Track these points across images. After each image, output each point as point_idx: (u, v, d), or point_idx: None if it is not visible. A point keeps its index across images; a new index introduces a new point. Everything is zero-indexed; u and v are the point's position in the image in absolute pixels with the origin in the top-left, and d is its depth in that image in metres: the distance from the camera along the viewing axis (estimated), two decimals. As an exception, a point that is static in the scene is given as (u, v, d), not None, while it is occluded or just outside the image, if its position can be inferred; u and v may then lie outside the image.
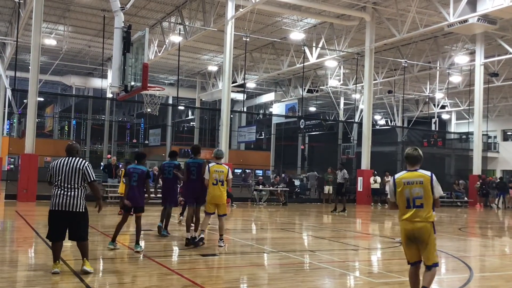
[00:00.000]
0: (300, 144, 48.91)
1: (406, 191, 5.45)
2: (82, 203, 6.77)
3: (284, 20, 26.36)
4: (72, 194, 6.70)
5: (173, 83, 42.27)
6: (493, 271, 8.72)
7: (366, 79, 25.43)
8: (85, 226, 6.89)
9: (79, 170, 6.76)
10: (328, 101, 43.43)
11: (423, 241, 5.38)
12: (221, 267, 8.25)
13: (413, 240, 5.43)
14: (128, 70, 11.64)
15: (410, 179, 5.48)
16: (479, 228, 16.90)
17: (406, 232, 5.47)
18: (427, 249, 5.38)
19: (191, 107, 49.27)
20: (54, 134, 55.75)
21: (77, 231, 6.81)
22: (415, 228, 5.38)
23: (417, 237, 5.39)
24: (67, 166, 6.77)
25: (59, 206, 6.68)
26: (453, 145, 38.67)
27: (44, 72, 29.12)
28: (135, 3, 17.20)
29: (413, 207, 5.41)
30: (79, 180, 6.77)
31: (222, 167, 9.63)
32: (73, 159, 6.85)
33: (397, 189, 5.51)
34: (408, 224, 5.43)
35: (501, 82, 31.22)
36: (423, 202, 5.39)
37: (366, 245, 11.22)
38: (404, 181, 5.48)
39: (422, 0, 21.33)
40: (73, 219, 6.73)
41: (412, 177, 5.50)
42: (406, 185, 5.46)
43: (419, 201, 5.39)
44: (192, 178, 9.76)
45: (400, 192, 5.48)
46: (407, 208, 5.45)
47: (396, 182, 5.54)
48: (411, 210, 5.42)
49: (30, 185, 18.76)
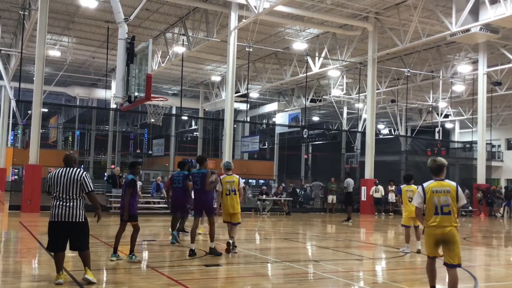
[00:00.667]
0: (304, 154, 48.85)
1: (434, 199, 6.01)
2: (81, 213, 6.77)
3: (287, 30, 26.47)
4: (71, 205, 6.70)
5: (177, 93, 42.39)
6: (498, 281, 8.66)
7: (369, 89, 25.45)
8: (85, 235, 6.90)
9: (77, 180, 6.75)
10: (331, 111, 43.41)
11: (451, 243, 5.94)
12: (224, 277, 8.22)
13: (440, 242, 6.01)
14: (131, 81, 11.71)
15: (438, 188, 6.07)
16: (484, 237, 16.81)
17: (435, 236, 6.02)
18: (453, 250, 5.94)
19: (195, 117, 49.36)
20: (58, 145, 55.87)
21: (78, 241, 6.81)
22: (444, 232, 5.94)
23: (445, 240, 5.96)
24: (65, 177, 6.76)
25: (58, 217, 6.69)
26: (457, 154, 38.59)
27: (48, 83, 29.26)
28: (138, 14, 17.33)
29: (441, 214, 5.96)
30: (78, 191, 6.76)
31: (232, 177, 10.07)
32: (71, 170, 6.84)
33: (426, 197, 6.06)
34: (437, 229, 5.98)
35: (505, 91, 31.20)
36: (450, 210, 5.98)
37: (370, 255, 11.18)
38: (433, 190, 6.05)
39: (424, 10, 21.39)
40: (73, 229, 6.73)
41: (440, 186, 6.11)
42: (435, 193, 6.02)
43: (447, 209, 5.97)
44: (196, 188, 9.84)
45: (429, 199, 6.02)
46: (435, 215, 5.98)
47: (425, 190, 6.10)
48: (439, 217, 5.96)
49: (34, 195, 18.77)
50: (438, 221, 5.97)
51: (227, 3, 22.21)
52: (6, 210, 19.55)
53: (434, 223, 5.99)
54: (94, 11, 24.31)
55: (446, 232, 5.94)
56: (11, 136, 45.94)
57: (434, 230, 6.00)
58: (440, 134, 33.99)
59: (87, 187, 6.80)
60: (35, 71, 19.76)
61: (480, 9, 18.92)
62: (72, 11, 24.85)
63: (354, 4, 22.13)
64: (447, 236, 5.95)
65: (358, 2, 21.93)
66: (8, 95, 32.81)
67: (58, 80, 31.87)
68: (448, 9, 20.63)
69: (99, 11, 24.25)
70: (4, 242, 11.86)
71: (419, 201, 6.14)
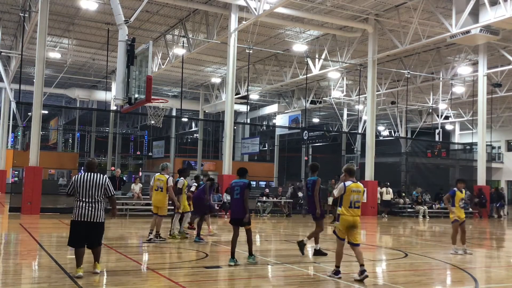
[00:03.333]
0: (304, 155, 48.88)
1: (351, 196, 8.01)
2: (102, 214, 7.55)
3: (287, 32, 26.49)
4: (95, 207, 7.47)
5: (177, 95, 42.41)
6: (498, 283, 8.65)
7: (369, 90, 25.45)
8: (101, 234, 7.71)
9: (101, 185, 7.55)
10: (331, 112, 43.46)
11: (356, 228, 8.10)
12: (225, 279, 8.21)
13: (351, 227, 8.02)
14: (132, 83, 11.71)
15: (355, 189, 8.05)
16: (484, 239, 16.79)
17: (348, 223, 8.00)
18: (358, 233, 8.18)
19: (195, 119, 49.37)
20: (58, 147, 55.91)
21: (95, 239, 7.58)
22: (355, 220, 8.01)
23: (354, 226, 8.04)
24: (89, 181, 7.50)
25: (82, 217, 7.41)
26: (457, 155, 38.56)
27: (49, 85, 29.31)
28: (139, 16, 17.33)
29: (354, 207, 8.03)
30: (100, 194, 7.55)
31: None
32: (94, 175, 7.60)
33: (346, 193, 8.02)
34: (350, 218, 7.99)
35: (505, 93, 31.21)
36: (359, 205, 8.13)
37: (371, 257, 11.17)
38: (352, 189, 8.02)
39: (424, 12, 21.41)
40: (94, 228, 7.50)
41: (356, 187, 8.08)
42: (353, 192, 8.02)
43: (358, 204, 8.10)
44: (309, 194, 10.37)
45: (347, 195, 8.01)
46: (350, 208, 8.00)
47: (347, 188, 8.02)
48: (352, 209, 8.01)
49: (34, 197, 18.74)
50: (351, 212, 7.99)
51: (227, 5, 22.22)
52: (6, 212, 19.52)
53: (348, 213, 7.98)
54: (94, 13, 24.34)
55: (355, 219, 8.01)
56: (11, 138, 45.92)
57: (347, 217, 7.97)
58: (440, 135, 34.00)
59: (110, 191, 7.66)
60: (35, 73, 19.76)
61: (480, 11, 18.92)
62: (72, 13, 24.88)
63: (354, 6, 22.15)
64: (355, 222, 8.02)
65: (358, 4, 21.96)
66: (9, 97, 32.83)
67: (58, 82, 31.91)
68: (448, 11, 20.65)
69: (99, 13, 24.28)
70: (4, 244, 11.85)
71: (338, 194, 8.13)
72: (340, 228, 8.07)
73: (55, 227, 15.58)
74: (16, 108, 28.01)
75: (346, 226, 8.01)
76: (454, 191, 11.61)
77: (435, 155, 34.41)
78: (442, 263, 10.18)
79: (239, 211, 9.00)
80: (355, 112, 40.94)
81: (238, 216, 9.03)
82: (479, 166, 27.83)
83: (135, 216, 19.40)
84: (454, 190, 11.62)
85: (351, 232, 8.01)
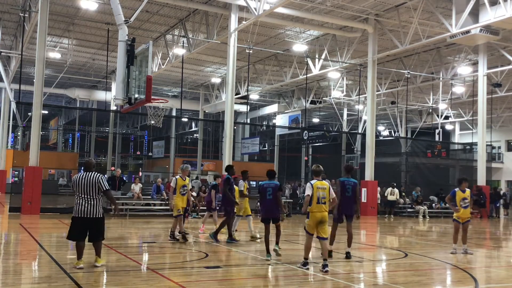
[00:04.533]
0: (304, 155, 48.91)
1: (318, 193, 8.70)
2: (99, 210, 8.10)
3: (287, 32, 26.49)
4: (91, 203, 8.05)
5: (177, 95, 42.42)
6: (498, 283, 8.65)
7: (369, 90, 25.45)
8: (101, 228, 8.21)
9: (95, 183, 8.09)
10: (331, 112, 43.46)
11: (324, 223, 8.72)
12: (225, 279, 8.21)
13: (319, 222, 8.68)
14: (132, 83, 11.70)
15: (320, 186, 8.76)
16: (484, 239, 16.79)
17: (316, 219, 8.67)
18: (325, 227, 8.76)
19: (195, 119, 49.37)
20: (58, 147, 55.90)
21: (95, 233, 8.14)
22: (322, 215, 8.69)
23: (322, 221, 8.69)
24: (85, 180, 8.11)
25: (80, 213, 8.04)
26: (457, 155, 38.55)
27: (49, 85, 29.29)
28: (139, 16, 17.32)
29: (320, 203, 8.69)
30: (96, 191, 8.08)
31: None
32: (90, 174, 8.17)
33: (313, 191, 8.68)
34: (318, 213, 8.67)
35: (505, 93, 31.20)
36: (326, 201, 8.77)
37: (371, 257, 11.17)
38: (317, 187, 8.73)
39: (424, 12, 21.41)
40: (92, 223, 8.06)
41: (321, 184, 8.79)
42: (318, 189, 8.72)
43: (324, 200, 8.73)
44: (347, 196, 10.14)
45: (314, 193, 8.69)
46: (317, 204, 8.68)
47: (313, 186, 8.72)
48: (319, 205, 8.68)
49: (34, 197, 18.74)
50: (319, 208, 8.65)
51: (227, 5, 22.22)
52: (6, 212, 19.53)
53: (316, 209, 8.64)
54: (94, 13, 24.33)
55: (323, 215, 8.68)
56: (11, 138, 45.92)
57: (316, 214, 8.64)
58: (440, 135, 33.96)
59: (103, 186, 8.14)
60: (35, 73, 19.77)
61: (480, 11, 18.93)
62: (72, 13, 24.88)
63: (354, 6, 22.15)
64: (323, 218, 8.68)
65: (358, 4, 21.96)
66: (8, 97, 32.83)
67: (58, 82, 31.90)
68: (448, 11, 20.65)
69: (99, 13, 24.27)
70: (4, 244, 11.85)
71: (309, 192, 8.68)
72: (310, 224, 8.72)
73: (55, 227, 15.59)
74: (16, 108, 28.02)
75: (315, 222, 8.68)
76: (455, 191, 11.60)
77: (435, 155, 34.40)
78: (442, 263, 10.17)
79: (273, 210, 9.94)
80: (355, 112, 40.93)
81: (272, 215, 9.97)
82: (479, 166, 27.84)
83: (135, 216, 19.41)
84: (455, 190, 11.60)
85: (320, 227, 8.70)
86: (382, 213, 24.91)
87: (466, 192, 11.56)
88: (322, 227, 8.69)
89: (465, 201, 11.50)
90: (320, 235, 8.70)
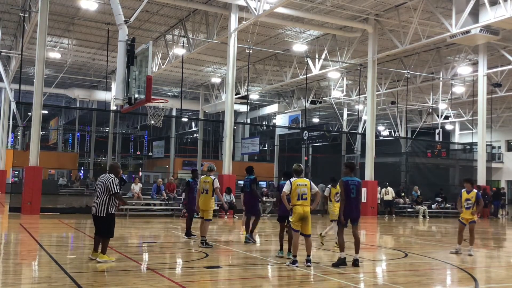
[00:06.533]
0: (304, 155, 48.93)
1: (298, 190, 8.96)
2: (104, 209, 8.64)
3: (287, 32, 26.49)
4: (98, 202, 8.68)
5: (177, 95, 42.43)
6: (498, 283, 8.65)
7: (369, 90, 25.45)
8: (108, 226, 8.73)
9: (105, 184, 8.69)
10: (331, 112, 43.47)
11: (307, 219, 8.97)
12: (225, 279, 8.21)
13: (302, 218, 8.91)
14: (132, 83, 11.70)
15: (300, 183, 9.03)
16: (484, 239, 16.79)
17: (299, 215, 8.90)
18: (308, 224, 9.00)
19: (195, 119, 49.39)
20: (58, 147, 55.90)
21: (102, 230, 8.76)
22: (305, 210, 8.92)
23: (305, 217, 8.93)
24: (99, 181, 8.87)
25: (92, 211, 8.85)
26: (457, 155, 38.57)
27: (49, 85, 29.29)
28: (139, 16, 17.33)
29: (301, 199, 8.93)
30: (104, 192, 8.67)
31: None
32: (105, 176, 8.84)
33: (292, 188, 8.97)
34: (299, 208, 8.91)
35: (505, 93, 31.21)
36: (307, 197, 9.01)
37: (371, 257, 11.17)
38: (297, 184, 9.01)
39: (424, 12, 21.41)
40: (99, 221, 8.73)
41: (301, 181, 9.06)
42: (298, 186, 8.99)
43: (305, 196, 8.99)
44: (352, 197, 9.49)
45: (294, 190, 8.96)
46: (298, 200, 8.92)
47: (292, 183, 9.00)
48: (300, 201, 8.92)
49: (34, 197, 18.72)
50: (301, 203, 8.90)
51: (227, 5, 22.22)
52: (6, 212, 19.52)
53: (298, 203, 8.90)
54: (94, 13, 24.34)
55: (305, 210, 8.90)
56: (11, 138, 45.92)
57: (298, 208, 8.88)
58: (440, 135, 33.99)
59: (112, 189, 8.64)
60: (35, 73, 19.76)
61: (480, 11, 18.92)
62: (72, 13, 24.88)
63: (354, 6, 22.16)
64: (306, 213, 8.90)
65: (358, 4, 21.96)
66: (8, 97, 32.81)
67: (58, 82, 31.90)
68: (448, 11, 20.65)
69: (99, 13, 24.28)
70: (4, 244, 11.84)
71: (287, 189, 8.97)
72: (294, 220, 8.96)
73: (55, 227, 15.58)
74: (16, 108, 27.99)
75: (298, 218, 8.91)
76: (461, 192, 11.66)
77: (435, 155, 34.42)
78: (442, 263, 10.18)
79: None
80: (355, 112, 40.94)
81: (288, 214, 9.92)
82: (479, 166, 27.84)
83: (135, 216, 19.41)
84: (462, 191, 11.66)
85: (303, 223, 8.95)
86: (382, 213, 24.88)
87: (471, 193, 11.48)
88: (305, 223, 8.93)
89: (468, 202, 11.47)
90: (303, 232, 8.95)
